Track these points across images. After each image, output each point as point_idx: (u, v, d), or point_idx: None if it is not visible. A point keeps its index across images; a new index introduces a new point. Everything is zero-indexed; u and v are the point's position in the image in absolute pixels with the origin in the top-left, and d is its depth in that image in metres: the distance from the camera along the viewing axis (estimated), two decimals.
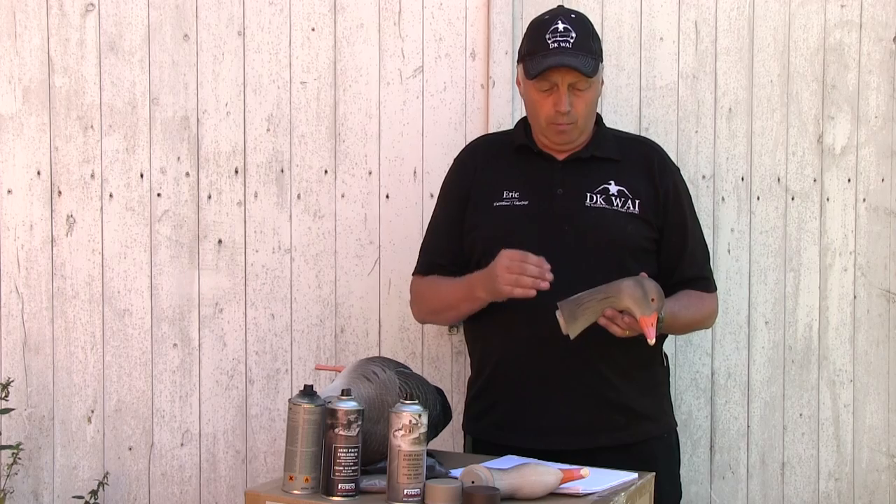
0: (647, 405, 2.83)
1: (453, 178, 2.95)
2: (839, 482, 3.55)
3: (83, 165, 3.14)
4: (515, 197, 2.79)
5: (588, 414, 2.73)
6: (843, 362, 3.55)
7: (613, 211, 2.77)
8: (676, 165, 2.96)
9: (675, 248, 2.84)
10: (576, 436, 2.72)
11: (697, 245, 2.90)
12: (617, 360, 2.74)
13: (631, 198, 2.78)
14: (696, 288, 2.86)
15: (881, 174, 3.57)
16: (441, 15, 3.28)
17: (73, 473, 3.15)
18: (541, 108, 2.76)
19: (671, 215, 2.83)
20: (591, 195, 2.78)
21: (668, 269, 2.83)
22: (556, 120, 2.74)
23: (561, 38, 2.71)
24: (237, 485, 3.22)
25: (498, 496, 2.21)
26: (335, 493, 2.26)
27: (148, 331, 3.17)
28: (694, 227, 2.90)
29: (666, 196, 2.82)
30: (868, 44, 3.54)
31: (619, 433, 2.75)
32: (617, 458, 2.62)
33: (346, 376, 2.47)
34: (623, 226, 2.76)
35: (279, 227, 3.22)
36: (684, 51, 3.39)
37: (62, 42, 3.12)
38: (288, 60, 3.22)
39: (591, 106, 2.78)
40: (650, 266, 2.77)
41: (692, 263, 2.86)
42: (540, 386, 2.73)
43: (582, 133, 2.80)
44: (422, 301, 2.95)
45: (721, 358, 3.42)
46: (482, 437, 2.85)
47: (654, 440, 2.84)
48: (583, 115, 2.75)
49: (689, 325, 2.92)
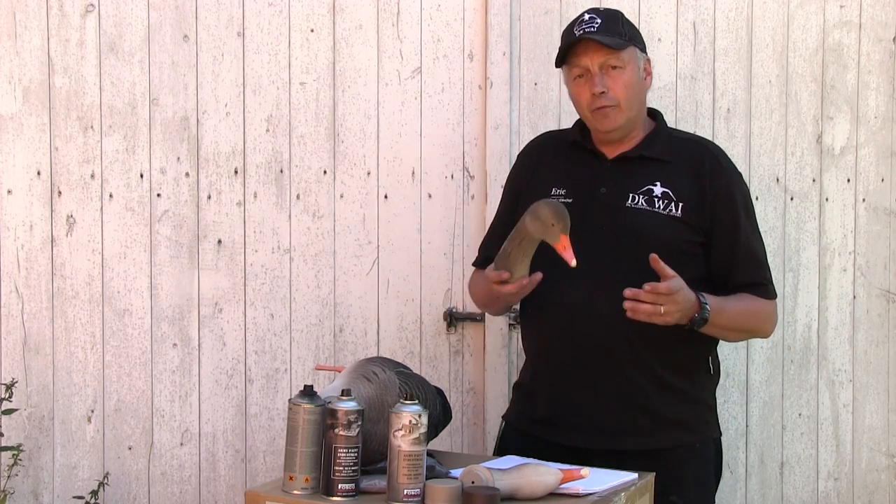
0: (683, 412, 2.76)
1: (512, 174, 2.98)
2: (838, 482, 3.55)
3: (83, 166, 3.14)
4: (562, 194, 2.77)
5: (612, 415, 2.71)
6: (843, 362, 3.55)
7: (653, 213, 2.72)
8: (735, 167, 2.85)
9: (725, 250, 2.75)
10: (601, 436, 2.70)
11: (751, 249, 2.79)
12: (650, 364, 2.70)
13: (675, 200, 2.72)
14: (752, 293, 2.77)
15: (881, 174, 3.58)
16: (439, 16, 3.28)
17: (73, 473, 3.15)
18: (581, 97, 2.75)
19: (720, 217, 2.74)
20: (633, 195, 2.73)
21: (721, 273, 2.76)
22: (594, 104, 2.72)
23: (586, 25, 2.72)
24: (237, 484, 3.22)
25: (498, 496, 2.21)
26: (335, 493, 2.26)
27: (148, 331, 3.17)
28: (748, 230, 2.79)
29: (715, 198, 2.74)
30: (867, 44, 3.54)
31: (646, 438, 2.71)
32: (645, 463, 2.58)
33: (346, 376, 2.48)
34: (661, 228, 2.70)
35: (278, 227, 3.23)
36: (682, 51, 3.39)
37: (62, 42, 3.12)
38: (287, 61, 3.22)
39: (631, 88, 2.73)
40: (695, 269, 2.70)
41: (746, 268, 2.76)
42: (571, 384, 2.72)
43: (628, 118, 2.74)
44: (471, 293, 3.01)
45: (720, 357, 3.41)
46: (515, 425, 2.85)
47: (684, 448, 2.76)
48: (623, 97, 2.71)
49: (740, 328, 2.81)
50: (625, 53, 2.72)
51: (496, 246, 2.79)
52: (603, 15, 2.75)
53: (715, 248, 2.75)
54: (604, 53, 2.70)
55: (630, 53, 2.73)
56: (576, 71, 2.74)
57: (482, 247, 2.98)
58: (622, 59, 2.71)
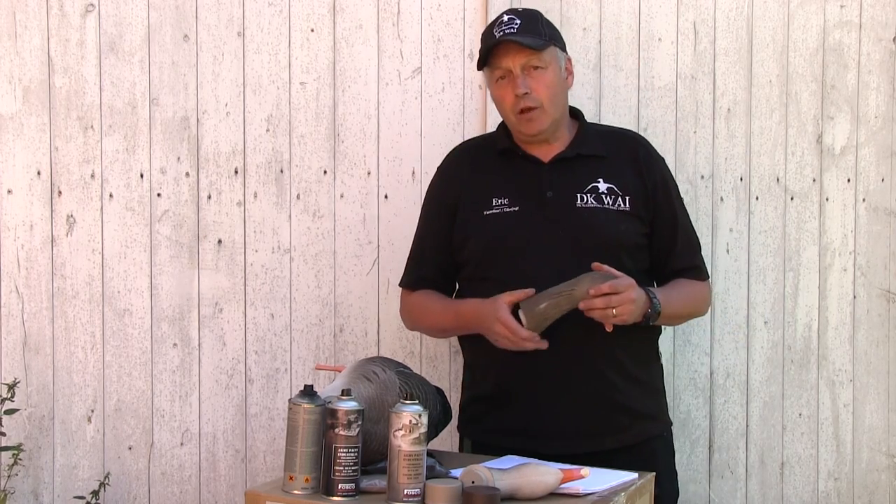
0: (649, 405, 2.83)
1: (438, 188, 2.93)
2: (838, 482, 3.55)
3: (83, 165, 3.14)
4: (505, 203, 2.77)
5: (594, 418, 2.73)
6: (843, 362, 3.55)
7: (604, 209, 2.75)
8: (660, 155, 2.93)
9: (666, 239, 2.82)
10: (583, 439, 2.71)
11: (687, 234, 2.89)
12: (620, 360, 2.74)
13: (621, 195, 2.77)
14: (689, 277, 2.85)
15: (881, 174, 3.58)
16: (439, 16, 3.28)
17: (73, 473, 3.15)
18: (504, 99, 2.75)
19: (661, 207, 2.81)
20: (581, 195, 2.76)
21: (660, 261, 2.83)
22: (518, 106, 2.72)
23: (506, 27, 2.72)
24: (237, 484, 3.22)
25: (498, 496, 2.21)
26: (335, 493, 2.26)
27: (148, 330, 3.17)
28: (683, 216, 2.88)
29: (654, 189, 2.81)
30: (867, 44, 3.54)
31: (624, 434, 2.75)
32: (622, 459, 2.61)
33: (346, 376, 2.48)
34: (615, 224, 2.75)
35: (278, 227, 3.23)
36: (683, 51, 3.39)
37: (62, 42, 3.12)
38: (287, 61, 3.22)
39: (553, 88, 2.74)
40: (644, 260, 2.79)
41: (683, 253, 2.85)
42: (545, 391, 2.72)
43: (553, 119, 2.76)
44: (412, 318, 2.97)
45: (720, 358, 3.42)
46: (484, 441, 2.83)
47: (656, 439, 2.85)
48: (546, 97, 2.72)
49: (683, 315, 2.91)
50: (546, 54, 2.73)
51: (432, 265, 2.85)
52: (522, 16, 2.75)
53: (656, 237, 2.81)
54: (525, 55, 2.70)
55: (551, 54, 2.74)
56: (497, 73, 2.75)
57: (413, 265, 2.93)
58: (544, 59, 2.72)
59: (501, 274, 2.73)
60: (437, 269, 2.88)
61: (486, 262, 2.76)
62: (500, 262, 2.75)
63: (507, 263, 2.73)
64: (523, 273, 2.69)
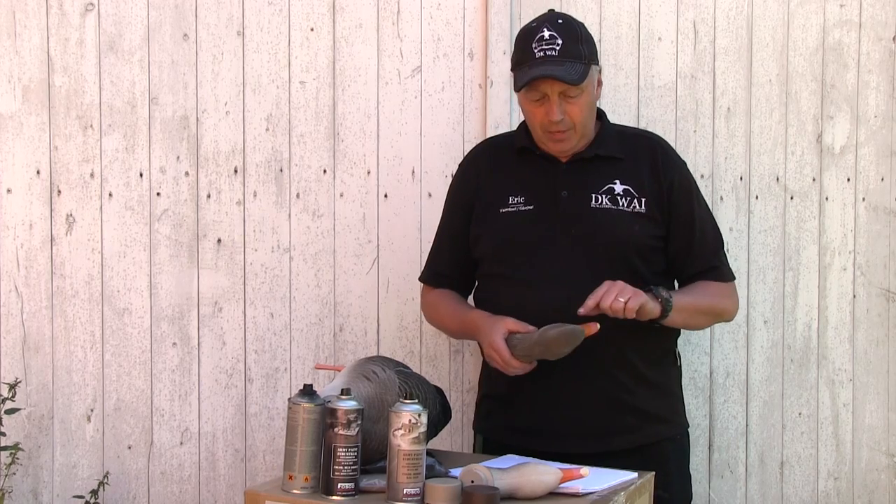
0: (661, 407, 2.82)
1: (457, 186, 2.94)
2: (838, 481, 3.55)
3: (83, 165, 3.14)
4: (521, 202, 2.77)
5: (601, 417, 2.72)
6: (843, 361, 3.55)
7: (619, 211, 2.74)
8: (681, 157, 2.91)
9: (683, 241, 2.80)
10: (590, 439, 2.70)
11: (707, 236, 2.85)
12: (630, 361, 2.73)
13: (637, 196, 2.76)
14: (709, 279, 2.82)
15: (881, 173, 3.58)
16: (439, 15, 3.28)
17: (73, 472, 3.15)
18: (534, 118, 2.73)
19: (677, 209, 2.79)
20: (596, 196, 2.75)
21: (679, 263, 2.81)
22: (550, 128, 2.71)
23: (547, 47, 2.66)
24: (236, 483, 3.22)
25: (498, 496, 2.21)
26: (335, 492, 2.26)
27: (147, 330, 3.17)
28: (703, 217, 2.85)
29: (670, 190, 2.78)
30: (867, 43, 3.54)
31: (633, 435, 2.74)
32: (631, 460, 2.60)
33: (345, 376, 2.47)
34: (630, 225, 2.73)
35: (278, 227, 3.23)
36: (683, 50, 3.39)
37: (62, 41, 3.12)
38: (287, 60, 3.22)
39: (587, 110, 2.73)
40: (659, 263, 2.77)
41: (702, 255, 2.82)
42: (555, 391, 2.72)
43: (582, 137, 2.76)
44: (427, 315, 3.01)
45: (720, 357, 3.42)
46: (493, 437, 2.84)
47: (667, 441, 2.82)
48: (579, 121, 2.71)
49: (701, 312, 2.83)
50: (585, 81, 2.69)
51: (449, 262, 2.87)
52: (563, 32, 2.68)
53: (673, 239, 2.79)
54: (564, 84, 2.65)
55: (589, 78, 2.70)
56: (535, 95, 2.70)
57: (432, 261, 2.96)
58: (582, 86, 2.68)
59: (514, 272, 2.73)
60: (454, 265, 2.89)
61: (499, 260, 2.76)
62: (512, 259, 2.75)
63: (520, 261, 2.73)
64: (535, 271, 2.70)
